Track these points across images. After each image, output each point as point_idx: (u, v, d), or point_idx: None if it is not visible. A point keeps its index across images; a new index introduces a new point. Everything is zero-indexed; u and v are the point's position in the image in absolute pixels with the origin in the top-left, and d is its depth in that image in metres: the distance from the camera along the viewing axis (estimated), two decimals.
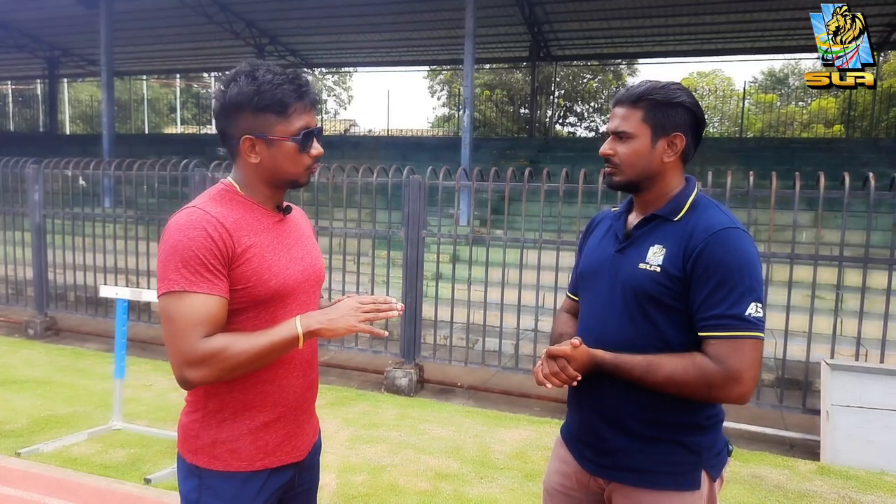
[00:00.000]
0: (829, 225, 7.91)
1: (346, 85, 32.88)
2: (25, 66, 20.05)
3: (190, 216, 1.37)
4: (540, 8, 13.13)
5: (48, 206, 6.87)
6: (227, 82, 1.42)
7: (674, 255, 1.48)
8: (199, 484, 1.47)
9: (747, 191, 4.53)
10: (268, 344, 1.36)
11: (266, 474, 1.48)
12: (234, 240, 1.38)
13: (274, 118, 1.40)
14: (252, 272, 1.40)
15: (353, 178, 5.66)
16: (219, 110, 1.43)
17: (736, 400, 1.44)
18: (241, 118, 1.41)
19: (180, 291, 1.33)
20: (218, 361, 1.33)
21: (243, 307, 1.42)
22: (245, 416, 1.46)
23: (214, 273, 1.35)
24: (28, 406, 4.53)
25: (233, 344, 1.34)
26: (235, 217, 1.42)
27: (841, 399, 4.14)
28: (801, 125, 20.99)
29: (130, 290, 4.35)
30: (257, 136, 1.41)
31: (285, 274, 1.46)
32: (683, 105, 1.53)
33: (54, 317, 6.92)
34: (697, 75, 29.41)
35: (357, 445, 3.99)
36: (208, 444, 1.46)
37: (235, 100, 1.39)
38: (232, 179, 1.49)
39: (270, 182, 1.47)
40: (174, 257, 1.34)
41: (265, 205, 1.49)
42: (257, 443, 1.47)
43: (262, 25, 15.39)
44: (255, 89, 1.38)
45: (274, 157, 1.43)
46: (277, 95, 1.38)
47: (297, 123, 1.42)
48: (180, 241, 1.34)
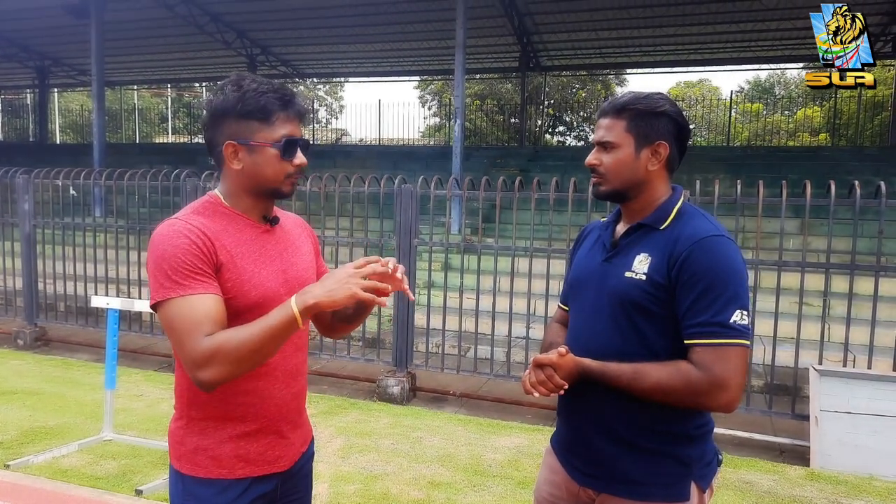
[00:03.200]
0: (816, 232, 8.00)
1: (337, 95, 32.96)
2: (15, 75, 19.95)
3: (171, 227, 1.39)
4: (529, 19, 13.25)
5: (38, 216, 6.84)
6: (214, 93, 1.45)
7: (659, 263, 1.49)
8: (183, 490, 1.48)
9: (735, 199, 4.59)
10: (265, 330, 1.31)
11: (247, 483, 1.48)
12: (216, 248, 1.39)
13: (257, 125, 1.42)
14: (232, 283, 1.41)
15: (344, 187, 5.69)
16: (206, 120, 1.46)
17: (722, 408, 1.43)
18: (226, 125, 1.43)
19: (175, 297, 1.34)
20: (221, 357, 1.30)
21: (228, 317, 1.42)
22: (226, 425, 1.47)
23: (205, 274, 1.36)
24: (17, 417, 4.49)
25: (232, 337, 1.32)
26: (217, 228, 1.43)
27: (829, 404, 4.18)
28: (787, 134, 21.23)
29: (121, 300, 4.33)
30: (240, 143, 1.42)
31: (265, 286, 1.45)
32: (666, 114, 1.54)
33: (44, 327, 6.88)
34: (685, 85, 29.72)
35: (349, 454, 3.99)
36: (191, 451, 1.47)
37: (221, 107, 1.42)
38: (218, 191, 1.51)
39: (252, 190, 1.47)
40: (163, 266, 1.35)
41: (249, 215, 1.49)
42: (238, 451, 1.47)
43: (254, 36, 15.42)
44: (239, 96, 1.40)
45: (255, 164, 1.43)
46: (261, 102, 1.40)
47: (279, 131, 1.43)
48: (166, 250, 1.36)
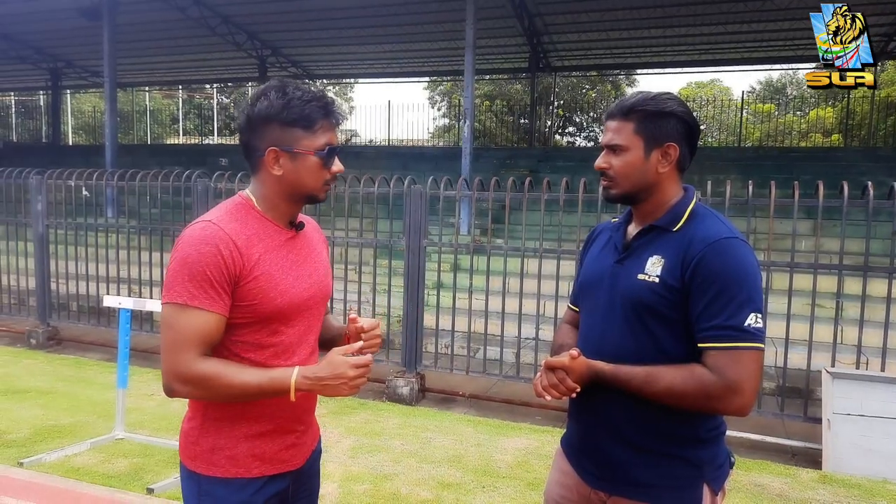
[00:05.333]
0: (829, 234, 7.92)
1: (347, 96, 33.06)
2: (29, 77, 20.17)
3: (204, 230, 1.40)
4: (539, 20, 13.22)
5: (51, 217, 6.90)
6: (255, 97, 1.46)
7: (672, 266, 1.47)
8: (199, 490, 1.49)
9: (746, 200, 4.56)
10: (256, 387, 1.38)
11: (263, 481, 1.50)
12: (243, 258, 1.41)
13: (301, 132, 1.44)
14: (259, 290, 1.43)
15: (354, 187, 5.70)
16: (245, 123, 1.47)
17: (736, 412, 1.42)
18: (269, 131, 1.44)
19: (182, 304, 1.37)
20: (207, 386, 1.38)
21: (246, 322, 1.45)
22: (243, 424, 1.49)
23: (218, 291, 1.38)
24: (30, 416, 4.54)
25: (225, 375, 1.38)
26: (248, 234, 1.44)
27: (842, 407, 4.14)
28: (799, 134, 21.03)
29: (133, 300, 4.37)
30: (283, 149, 1.44)
31: (291, 293, 1.48)
32: (675, 115, 1.52)
33: (57, 327, 6.93)
34: (696, 85, 29.55)
35: (359, 454, 4.00)
36: (207, 451, 1.48)
37: (264, 113, 1.43)
38: (250, 192, 1.52)
39: (290, 195, 1.50)
40: (183, 270, 1.38)
41: (279, 221, 1.51)
42: (255, 451, 1.49)
43: (264, 37, 15.50)
44: (284, 103, 1.42)
45: (297, 171, 1.46)
46: (306, 111, 1.43)
47: (321, 139, 1.46)
48: (191, 254, 1.38)
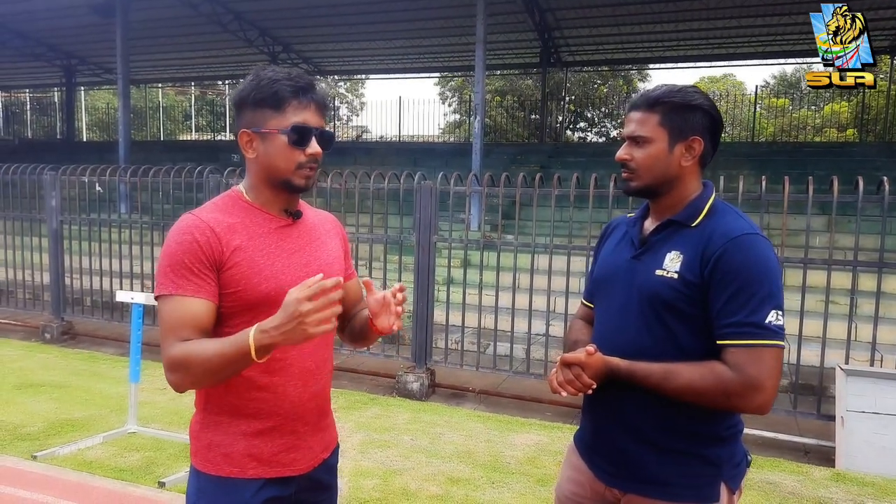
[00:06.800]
0: (843, 229, 7.83)
1: (358, 92, 33.09)
2: (43, 74, 20.32)
3: (183, 222, 1.41)
4: (550, 14, 13.15)
5: (65, 212, 6.96)
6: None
7: (691, 261, 1.44)
8: (196, 486, 1.46)
9: (760, 195, 4.51)
10: (219, 355, 1.27)
11: (259, 484, 1.44)
12: (222, 244, 1.39)
13: (269, 112, 1.41)
14: (242, 276, 1.39)
15: (364, 183, 5.71)
16: (233, 112, 1.49)
17: (756, 410, 1.39)
18: (243, 114, 1.44)
19: (167, 295, 1.36)
20: (185, 368, 1.31)
21: (236, 311, 1.41)
22: (240, 421, 1.44)
23: (200, 276, 1.36)
24: (44, 409, 4.59)
25: (194, 352, 1.30)
26: (231, 222, 1.42)
27: (856, 405, 4.10)
28: (813, 129, 20.80)
29: (146, 295, 4.39)
30: (253, 131, 1.43)
31: (280, 279, 1.41)
32: (701, 108, 1.50)
33: (71, 321, 7.00)
34: (709, 80, 29.27)
35: (369, 450, 4.01)
36: (205, 447, 1.46)
37: (238, 96, 1.44)
38: (241, 186, 1.52)
39: (267, 180, 1.46)
40: (164, 262, 1.38)
41: (268, 209, 1.48)
42: (251, 450, 1.44)
43: (276, 33, 15.53)
44: (255, 84, 1.41)
45: (267, 153, 1.42)
46: (273, 89, 1.40)
47: (291, 119, 1.40)
48: (170, 246, 1.38)
